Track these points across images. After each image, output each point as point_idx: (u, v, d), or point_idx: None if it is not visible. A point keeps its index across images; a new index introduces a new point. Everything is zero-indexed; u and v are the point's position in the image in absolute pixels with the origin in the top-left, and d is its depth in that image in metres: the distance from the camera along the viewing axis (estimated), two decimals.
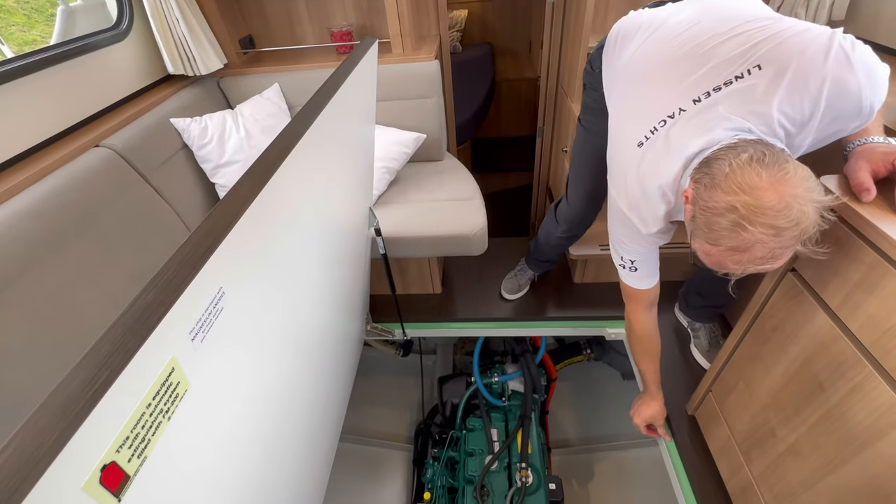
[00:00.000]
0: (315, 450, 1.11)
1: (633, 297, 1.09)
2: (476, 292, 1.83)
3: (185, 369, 0.40)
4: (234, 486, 0.63)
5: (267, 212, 0.53)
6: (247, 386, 0.63)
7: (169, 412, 0.38)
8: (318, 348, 1.09)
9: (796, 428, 0.88)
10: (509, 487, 1.44)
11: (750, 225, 0.63)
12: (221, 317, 0.44)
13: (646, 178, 0.83)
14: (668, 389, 1.41)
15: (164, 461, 0.38)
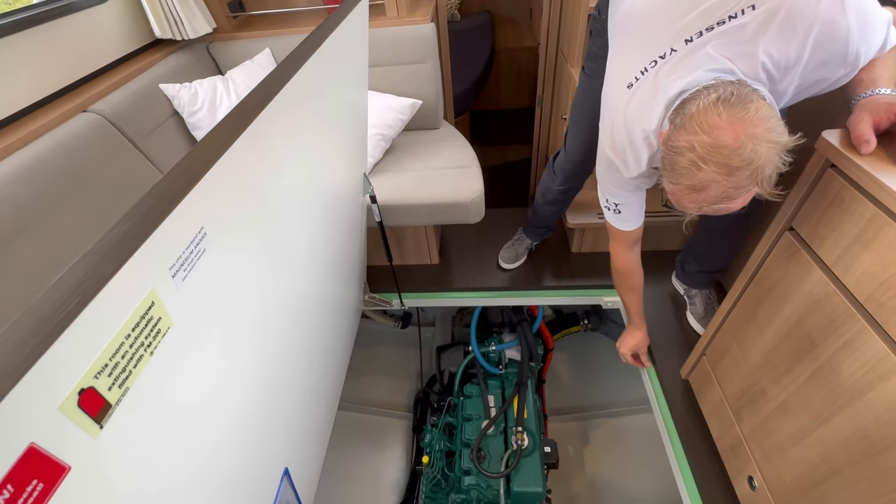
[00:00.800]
0: (313, 412, 1.13)
1: (617, 237, 1.13)
2: (473, 262, 1.83)
3: (167, 306, 0.39)
4: (231, 436, 0.64)
5: (250, 158, 0.52)
6: (239, 338, 0.63)
7: (151, 347, 0.38)
8: (314, 313, 1.10)
9: (787, 386, 0.88)
10: (505, 450, 1.47)
11: (704, 164, 0.65)
12: (204, 259, 0.44)
13: (632, 122, 0.84)
14: (664, 356, 1.43)
15: (151, 396, 0.38)
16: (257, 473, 0.76)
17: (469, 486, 1.43)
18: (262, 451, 0.77)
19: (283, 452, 0.86)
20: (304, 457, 1.04)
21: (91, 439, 0.33)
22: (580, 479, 1.97)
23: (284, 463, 0.86)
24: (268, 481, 0.80)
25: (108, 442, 0.34)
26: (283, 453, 0.86)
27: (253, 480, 0.74)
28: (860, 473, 0.72)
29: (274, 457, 0.83)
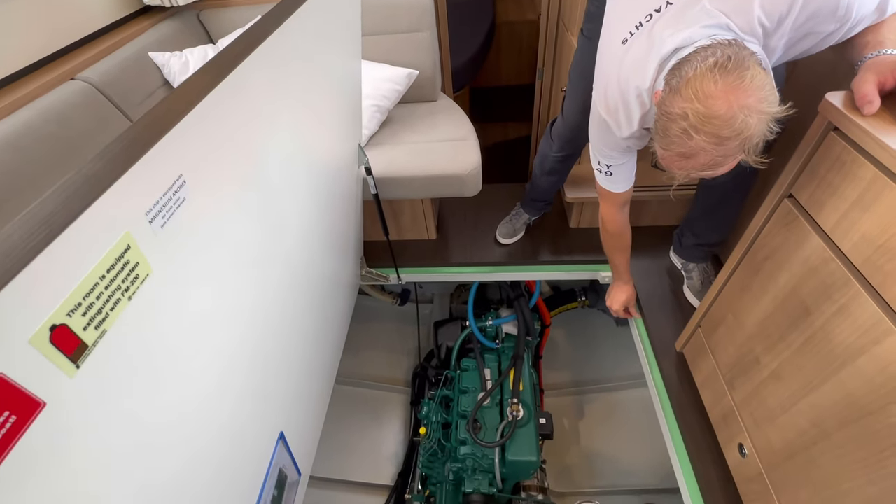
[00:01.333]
0: (309, 380, 1.14)
1: (608, 198, 1.16)
2: (471, 238, 1.82)
3: (145, 252, 0.39)
4: (222, 397, 0.65)
5: (232, 111, 0.51)
6: (230, 299, 0.63)
7: (129, 292, 0.37)
8: (308, 283, 1.10)
9: (780, 354, 0.89)
10: (501, 421, 1.49)
11: (696, 133, 0.66)
12: (185, 208, 0.43)
13: (625, 79, 0.83)
14: (660, 330, 1.43)
15: (134, 344, 0.38)
16: (252, 436, 0.76)
17: (465, 455, 1.45)
18: (256, 415, 0.78)
19: (278, 417, 0.87)
20: (301, 424, 1.05)
21: (67, 378, 0.32)
22: (575, 452, 2.01)
23: (280, 427, 0.87)
24: (262, 445, 0.81)
25: (87, 385, 0.34)
26: (278, 418, 0.87)
27: (247, 443, 0.75)
28: (848, 436, 0.72)
29: (268, 421, 0.84)
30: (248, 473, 0.76)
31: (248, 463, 0.75)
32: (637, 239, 1.76)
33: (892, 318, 0.65)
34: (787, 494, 0.87)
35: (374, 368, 2.35)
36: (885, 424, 0.66)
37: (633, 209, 1.76)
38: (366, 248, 1.74)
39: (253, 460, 0.77)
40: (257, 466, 0.79)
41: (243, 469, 0.73)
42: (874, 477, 0.67)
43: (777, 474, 0.91)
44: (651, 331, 1.44)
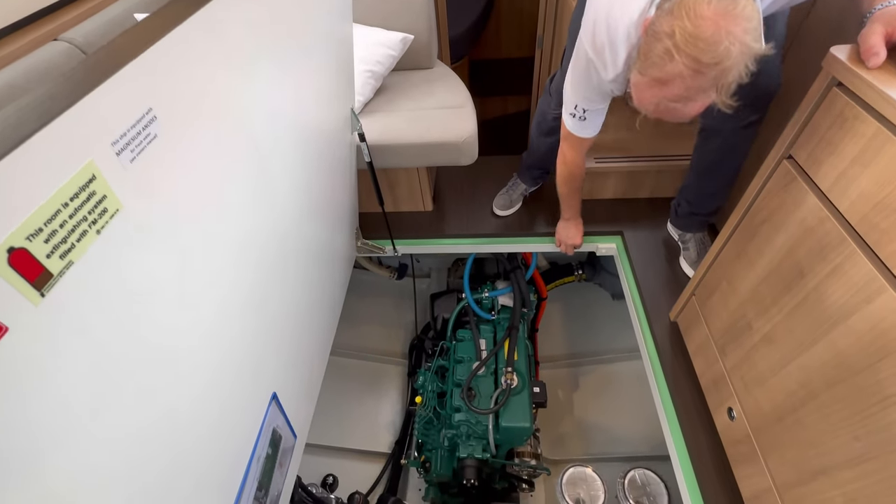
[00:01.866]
0: (303, 344, 1.15)
1: (575, 144, 1.22)
2: (468, 210, 1.81)
3: (113, 185, 0.38)
4: (208, 350, 0.65)
5: (208, 51, 0.48)
6: (215, 253, 0.62)
7: (97, 225, 0.36)
8: (301, 251, 1.09)
9: (772, 318, 0.88)
10: (495, 390, 1.51)
11: (677, 54, 0.67)
12: (157, 146, 0.42)
13: (616, 15, 0.84)
14: (654, 300, 1.43)
15: (107, 280, 0.37)
16: (243, 394, 0.77)
17: (459, 421, 1.48)
18: (247, 372, 0.78)
19: (270, 377, 0.88)
20: (295, 389, 1.06)
21: (31, 306, 0.32)
22: (569, 421, 2.05)
23: (273, 388, 0.88)
24: (255, 404, 0.82)
25: (53, 315, 0.33)
26: (270, 378, 0.88)
27: (238, 401, 0.75)
28: (836, 395, 0.73)
29: (261, 380, 0.85)
30: (241, 431, 0.76)
31: (239, 421, 0.76)
32: (635, 211, 1.75)
33: (885, 276, 0.64)
34: (774, 455, 0.88)
35: (372, 341, 2.37)
36: (873, 382, 0.66)
37: (632, 181, 1.75)
38: (361, 219, 1.73)
39: (245, 418, 0.78)
40: (250, 424, 0.79)
41: (235, 425, 0.74)
42: (860, 433, 0.68)
43: (764, 436, 0.92)
44: (646, 302, 1.44)
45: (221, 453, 0.70)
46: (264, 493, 0.86)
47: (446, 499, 1.70)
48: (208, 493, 0.67)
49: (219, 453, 0.69)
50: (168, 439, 0.55)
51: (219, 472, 0.69)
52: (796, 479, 0.82)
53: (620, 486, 1.27)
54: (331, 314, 1.41)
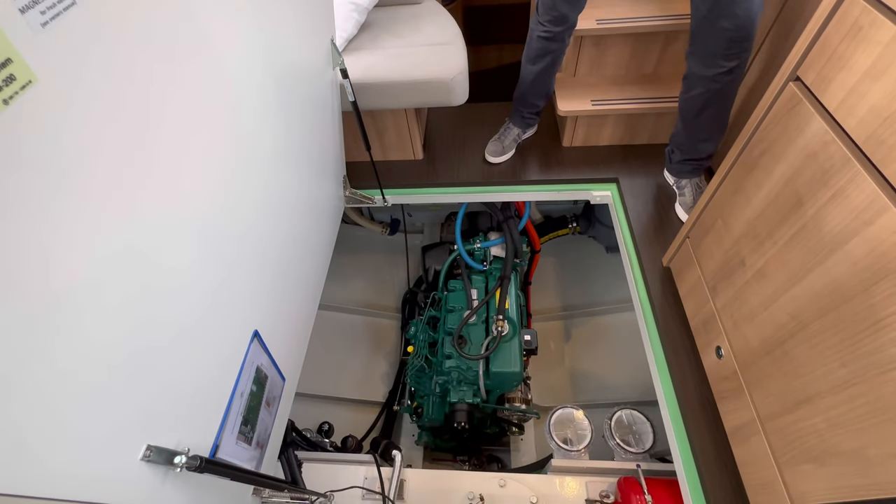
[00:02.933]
0: (287, 292, 1.13)
1: None
2: (459, 158, 1.75)
3: (21, 51, 0.33)
4: (176, 272, 0.62)
5: None
6: (175, 167, 0.58)
7: (2, 93, 0.32)
8: (281, 195, 1.05)
9: (766, 252, 0.86)
10: (486, 338, 1.51)
11: None
12: (76, 14, 0.37)
13: None
14: (648, 246, 1.40)
15: (22, 162, 0.33)
16: (223, 329, 0.75)
17: (450, 368, 1.49)
18: (224, 305, 0.76)
19: (252, 317, 0.86)
20: (281, 331, 1.05)
21: None
22: (560, 371, 2.08)
23: (254, 325, 0.86)
24: (236, 341, 0.80)
25: None
26: (252, 317, 0.86)
27: (218, 334, 0.73)
28: (826, 324, 0.71)
29: (241, 317, 0.83)
30: (223, 364, 0.75)
31: (221, 353, 0.74)
32: (632, 158, 1.69)
33: (889, 195, 0.61)
34: (759, 388, 0.89)
35: (366, 296, 2.37)
36: (865, 306, 0.64)
37: (630, 125, 1.68)
38: (350, 168, 1.67)
39: (227, 350, 0.76)
40: (232, 358, 0.78)
41: (216, 356, 0.72)
42: (847, 359, 0.67)
43: (751, 371, 0.92)
44: (639, 248, 1.41)
45: (204, 383, 0.69)
46: (251, 429, 0.86)
47: (439, 443, 1.75)
48: (193, 420, 0.66)
49: (201, 382, 0.68)
50: (148, 369, 0.53)
51: (202, 401, 0.69)
52: (780, 409, 0.82)
53: (607, 425, 1.29)
54: (317, 263, 1.39)
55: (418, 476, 1.30)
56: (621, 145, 1.72)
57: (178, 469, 0.56)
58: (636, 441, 1.25)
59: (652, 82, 1.61)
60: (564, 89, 1.62)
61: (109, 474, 0.48)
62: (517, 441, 1.78)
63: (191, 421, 0.66)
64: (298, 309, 1.21)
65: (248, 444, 0.85)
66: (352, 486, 1.21)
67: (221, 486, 0.80)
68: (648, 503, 1.05)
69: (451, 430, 1.68)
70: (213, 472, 0.62)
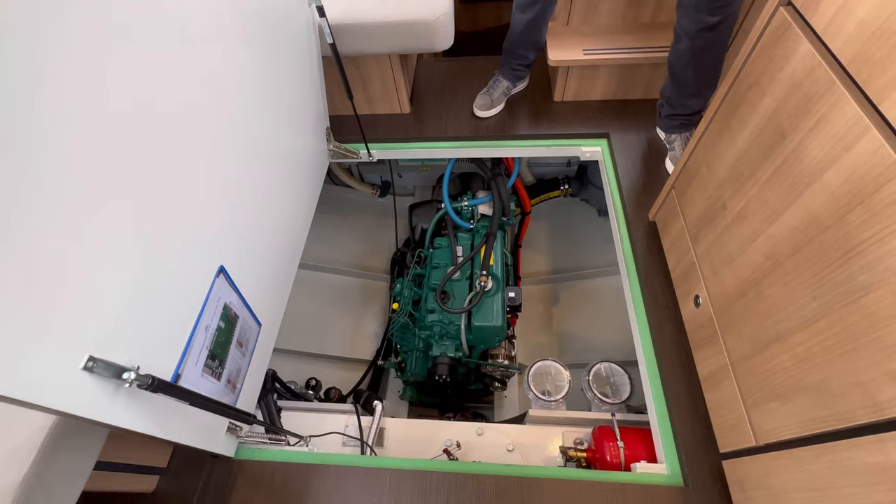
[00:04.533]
0: (264, 244, 1.11)
1: None
2: (448, 112, 1.70)
3: None
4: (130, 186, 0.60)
5: None
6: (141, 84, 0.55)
7: None
8: (257, 140, 1.02)
9: (747, 193, 0.83)
10: (469, 293, 1.50)
11: None
12: None
13: None
14: (635, 203, 1.37)
15: None
16: (181, 257, 0.73)
17: (432, 322, 1.49)
18: (186, 235, 0.74)
19: (219, 252, 0.84)
20: (253, 274, 1.04)
21: None
22: (546, 333, 2.09)
23: (220, 261, 0.84)
24: (201, 272, 0.79)
25: None
26: (219, 252, 0.84)
27: (175, 260, 0.72)
28: (800, 260, 0.69)
29: (208, 250, 0.81)
30: (188, 290, 0.74)
31: (180, 280, 0.73)
32: (624, 113, 1.63)
33: (870, 115, 0.58)
34: (732, 332, 0.88)
35: (355, 258, 2.36)
36: (839, 235, 0.62)
37: (624, 77, 1.61)
38: (335, 123, 1.62)
39: (192, 277, 0.75)
40: (196, 287, 0.77)
41: (174, 281, 0.71)
42: (818, 292, 0.65)
43: (726, 316, 0.91)
44: (626, 204, 1.38)
45: (162, 309, 0.68)
46: (219, 364, 0.86)
47: (423, 398, 1.77)
48: (152, 345, 0.65)
49: (159, 308, 0.67)
50: (90, 281, 0.52)
51: (162, 328, 0.68)
52: (751, 350, 0.81)
53: (586, 377, 1.30)
54: (297, 215, 1.36)
55: (398, 425, 1.32)
56: (615, 100, 1.67)
57: (126, 385, 0.55)
58: (613, 392, 1.26)
59: (648, 32, 1.55)
60: (556, 39, 1.55)
61: (48, 378, 0.47)
62: (501, 398, 1.80)
63: (150, 345, 0.65)
64: (275, 257, 1.20)
65: (217, 379, 0.85)
66: (330, 431, 1.23)
67: (191, 416, 0.81)
68: (620, 448, 1.06)
69: (435, 385, 1.70)
70: (167, 392, 0.62)
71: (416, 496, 0.94)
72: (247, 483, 0.99)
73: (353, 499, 0.96)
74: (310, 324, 2.15)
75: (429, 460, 1.01)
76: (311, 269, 2.27)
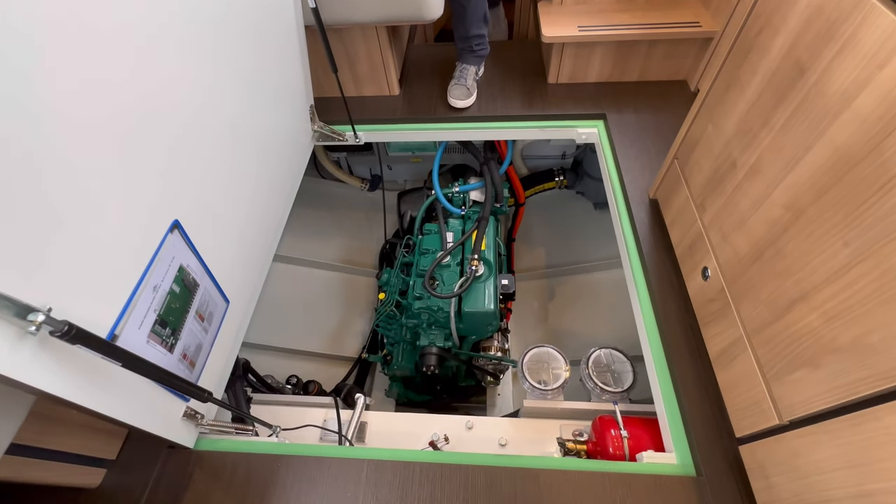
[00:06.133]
0: (232, 211, 1.02)
1: None
2: (439, 96, 1.63)
3: None
4: None
5: None
6: None
7: None
8: (229, 106, 0.94)
9: (761, 143, 0.76)
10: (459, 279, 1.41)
11: None
12: None
13: None
14: (634, 183, 1.30)
15: None
16: (126, 195, 0.64)
17: (420, 309, 1.39)
18: (134, 174, 0.65)
19: (172, 204, 0.75)
20: (219, 242, 0.95)
21: None
22: (542, 329, 1.99)
23: (175, 215, 0.75)
24: (145, 222, 0.70)
25: None
26: (172, 205, 0.75)
27: (119, 198, 0.63)
28: (826, 204, 0.61)
29: (156, 196, 0.72)
30: (118, 234, 0.64)
31: (122, 223, 0.63)
32: (621, 95, 1.57)
33: None
34: (747, 300, 0.79)
35: (344, 253, 2.27)
36: (874, 167, 0.54)
37: (620, 57, 1.52)
38: (320, 104, 1.55)
39: (130, 225, 0.65)
40: (145, 237, 0.68)
41: (113, 223, 0.62)
42: (850, 237, 0.57)
43: (738, 284, 0.82)
44: (626, 183, 1.31)
45: (97, 253, 0.58)
46: (171, 334, 0.76)
47: (411, 395, 1.66)
48: (82, 292, 0.56)
49: (93, 252, 0.58)
50: None
51: (95, 275, 0.58)
52: (770, 317, 0.73)
53: (584, 364, 1.20)
54: (274, 195, 1.28)
55: (381, 419, 1.21)
56: (610, 82, 1.61)
57: (33, 329, 0.46)
58: (615, 381, 1.16)
59: (644, 10, 1.50)
60: (551, 16, 1.51)
61: None
62: (493, 396, 1.69)
63: (77, 291, 0.55)
64: (247, 234, 1.11)
65: (168, 350, 0.75)
66: (305, 424, 1.12)
67: (135, 389, 0.70)
68: (624, 438, 0.96)
69: (423, 380, 1.59)
70: (91, 346, 0.52)
71: (396, 488, 0.83)
72: (205, 476, 0.88)
73: (324, 492, 0.84)
74: (293, 320, 2.04)
75: (412, 451, 0.91)
76: (295, 263, 2.17)
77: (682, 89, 1.57)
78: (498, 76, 1.68)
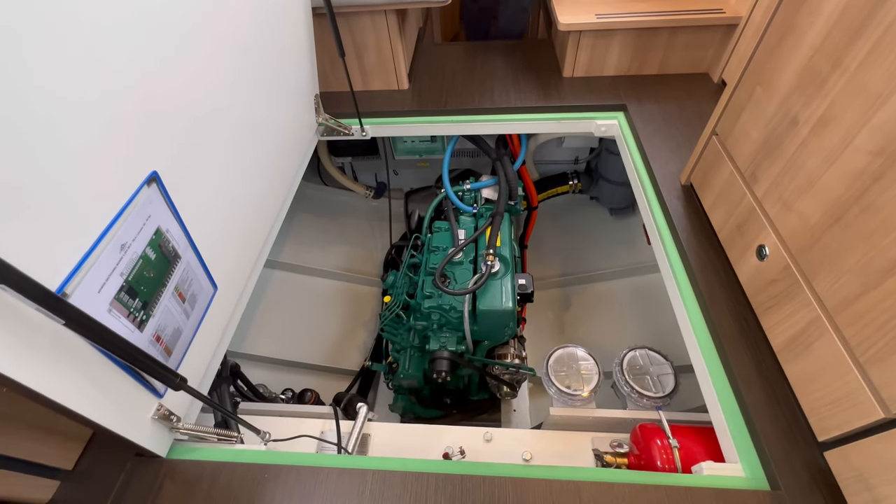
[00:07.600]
0: (221, 180, 0.92)
1: None
2: (450, 88, 1.57)
3: None
4: None
5: None
6: None
7: None
8: (226, 81, 0.86)
9: (831, 90, 0.66)
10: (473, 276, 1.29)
11: None
12: None
13: None
14: (663, 170, 1.20)
15: None
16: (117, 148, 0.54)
17: (430, 309, 1.26)
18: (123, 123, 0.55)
19: (152, 155, 0.65)
20: (204, 215, 0.84)
21: None
22: (558, 341, 1.83)
23: (154, 167, 0.65)
24: (127, 170, 0.60)
25: None
26: (151, 156, 0.65)
27: (88, 131, 0.52)
28: None
29: (143, 150, 0.62)
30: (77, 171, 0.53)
31: (85, 159, 0.53)
32: (642, 88, 1.50)
33: None
34: (825, 272, 0.67)
35: (348, 262, 2.16)
36: None
37: (639, 45, 1.44)
38: (327, 98, 1.48)
39: (95, 163, 0.55)
40: (105, 183, 0.57)
41: (72, 155, 0.51)
42: None
43: (810, 255, 0.70)
44: (653, 169, 1.21)
45: (43, 187, 0.47)
46: (142, 308, 0.63)
47: (417, 410, 1.50)
48: (28, 223, 0.45)
49: (37, 182, 0.47)
50: None
51: (48, 205, 0.47)
52: (860, 287, 0.60)
53: (618, 368, 1.06)
54: (273, 181, 1.18)
55: (386, 430, 1.06)
56: (628, 76, 1.54)
57: None
58: (654, 385, 1.01)
59: None
60: (564, 5, 1.45)
61: None
62: (508, 412, 1.53)
63: (8, 222, 0.44)
64: (241, 218, 1.00)
65: (135, 326, 0.62)
66: (298, 435, 0.97)
67: (90, 369, 0.57)
68: (675, 448, 0.81)
69: (432, 392, 1.44)
70: (19, 290, 0.40)
71: (407, 503, 0.68)
72: (177, 489, 0.73)
73: None
74: (291, 330, 1.90)
75: (425, 460, 0.76)
76: (296, 271, 2.05)
77: (705, 82, 1.50)
78: (511, 71, 1.62)
